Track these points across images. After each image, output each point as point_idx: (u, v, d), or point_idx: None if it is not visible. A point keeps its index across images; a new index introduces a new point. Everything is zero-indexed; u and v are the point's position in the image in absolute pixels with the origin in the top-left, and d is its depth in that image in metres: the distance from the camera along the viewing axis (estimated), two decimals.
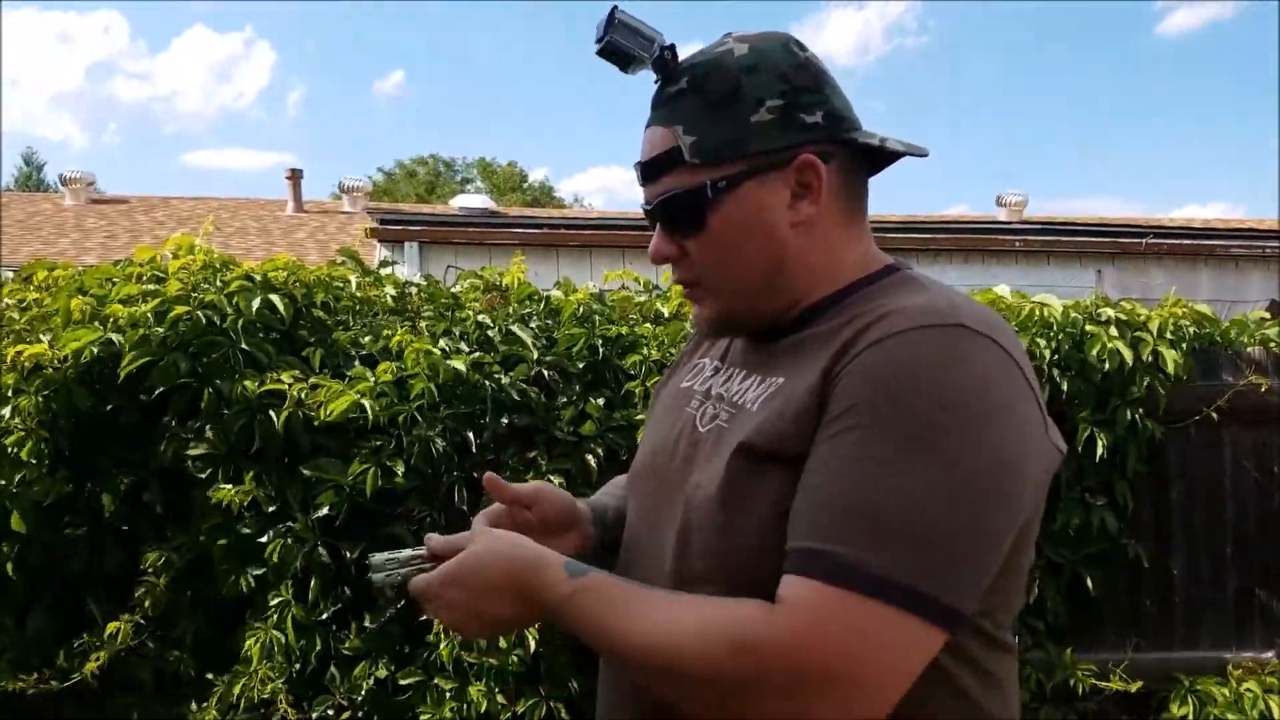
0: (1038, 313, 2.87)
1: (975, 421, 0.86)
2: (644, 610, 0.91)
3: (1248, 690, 2.89)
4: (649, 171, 1.04)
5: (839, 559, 0.84)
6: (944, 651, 0.89)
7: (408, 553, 1.07)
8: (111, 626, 2.41)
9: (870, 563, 0.83)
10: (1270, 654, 3.03)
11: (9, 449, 2.37)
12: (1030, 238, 8.65)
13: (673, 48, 1.03)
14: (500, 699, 2.41)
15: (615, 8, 1.01)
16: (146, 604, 2.42)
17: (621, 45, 1.01)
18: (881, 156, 1.08)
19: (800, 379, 0.95)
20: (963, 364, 0.88)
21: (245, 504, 2.41)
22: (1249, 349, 3.09)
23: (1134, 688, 2.84)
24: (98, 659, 2.39)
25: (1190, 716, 2.85)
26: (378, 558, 1.07)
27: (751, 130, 0.99)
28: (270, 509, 2.43)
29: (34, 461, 2.39)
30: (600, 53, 1.03)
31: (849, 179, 1.04)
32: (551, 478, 2.47)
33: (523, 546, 0.98)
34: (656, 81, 1.04)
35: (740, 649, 0.85)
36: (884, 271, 1.05)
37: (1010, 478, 0.88)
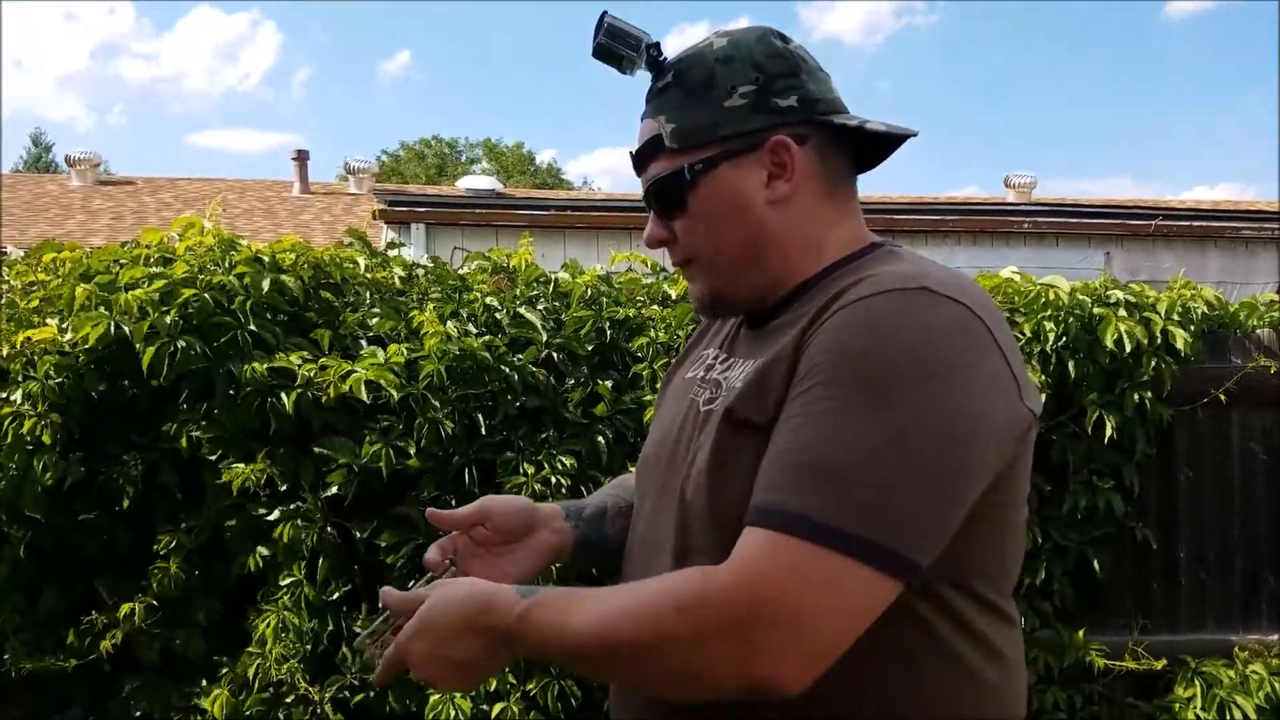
0: (1046, 295, 2.86)
1: (930, 376, 0.89)
2: (591, 605, 0.93)
3: (1254, 672, 2.90)
4: (638, 160, 1.12)
5: (785, 508, 0.87)
6: (935, 612, 0.93)
7: (378, 623, 1.08)
8: (125, 608, 2.43)
9: (815, 511, 0.86)
10: (1276, 636, 3.04)
11: (23, 434, 2.38)
12: (1039, 219, 8.61)
13: (658, 45, 1.10)
14: (510, 679, 2.42)
15: (605, 13, 1.09)
16: (158, 585, 2.44)
17: (612, 48, 1.10)
18: (871, 141, 1.11)
19: (777, 349, 1.00)
20: (920, 322, 0.91)
21: (258, 484, 2.42)
22: (1258, 331, 3.08)
23: (1158, 665, 2.85)
24: (113, 638, 2.41)
25: (1196, 698, 2.86)
26: (360, 639, 1.09)
27: (725, 115, 1.05)
28: (282, 488, 2.44)
29: (46, 444, 2.40)
30: (595, 55, 1.11)
31: (827, 160, 1.08)
32: (563, 459, 2.48)
33: (476, 585, 1.00)
34: (651, 79, 1.11)
35: (681, 608, 0.88)
36: (867, 249, 1.08)
37: (966, 431, 0.90)
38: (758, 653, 0.85)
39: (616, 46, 1.09)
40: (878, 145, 1.13)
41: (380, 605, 1.06)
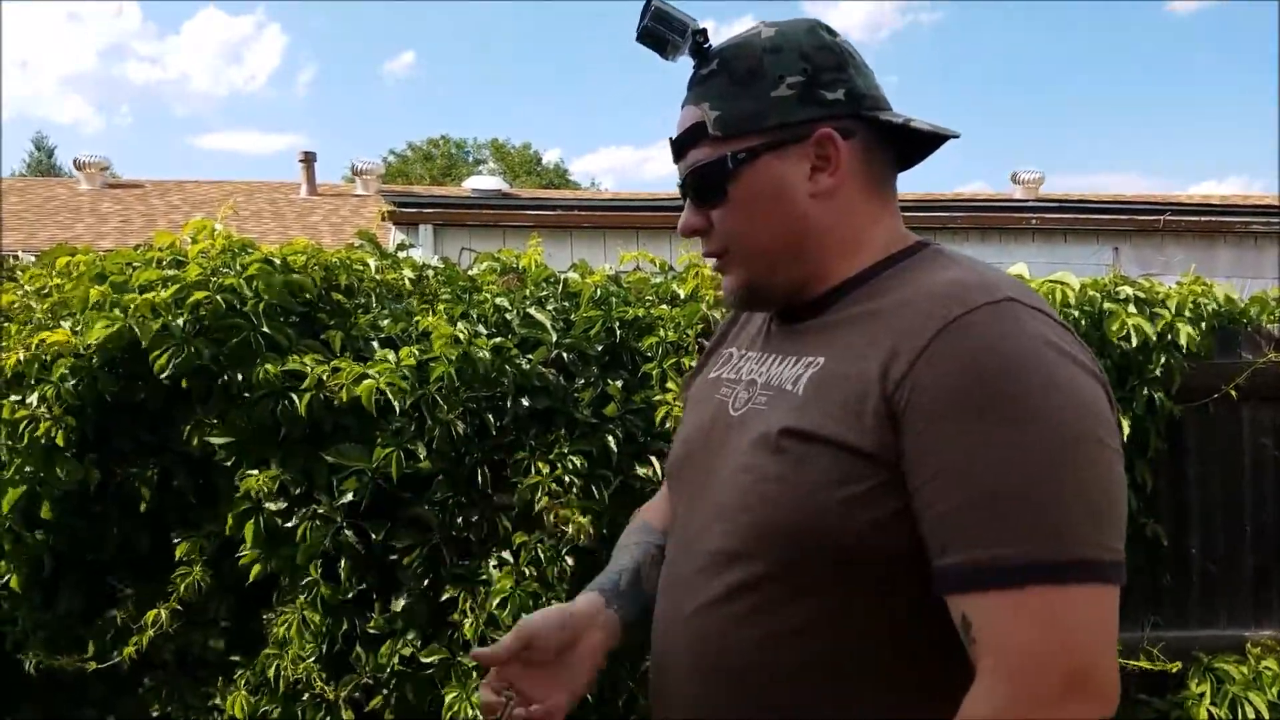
0: (1056, 293, 2.86)
1: (1051, 384, 0.89)
2: None
3: (1267, 668, 2.89)
4: (678, 147, 1.10)
5: (1006, 562, 0.85)
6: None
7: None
8: (150, 615, 2.45)
9: (1036, 552, 0.85)
10: None
11: (39, 437, 2.40)
12: (1046, 215, 8.60)
13: (704, 31, 1.07)
14: None
15: None
16: (182, 588, 2.45)
17: (658, 32, 1.07)
18: (915, 140, 1.10)
19: (849, 363, 0.97)
20: (1024, 334, 0.91)
21: (273, 489, 2.43)
22: (1268, 326, 3.07)
23: (1172, 668, 2.84)
24: (136, 644, 2.43)
25: (1208, 694, 2.86)
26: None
27: (772, 105, 1.04)
28: (297, 491, 2.45)
29: (60, 447, 2.41)
30: (639, 39, 1.08)
31: (871, 156, 1.07)
32: (573, 459, 2.49)
33: None
34: (694, 65, 1.09)
35: None
36: (914, 248, 1.07)
37: (1098, 424, 0.90)
38: (1075, 718, 0.85)
39: (663, 30, 1.07)
40: (918, 144, 1.12)
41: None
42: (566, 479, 2.47)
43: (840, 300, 1.04)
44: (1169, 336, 2.87)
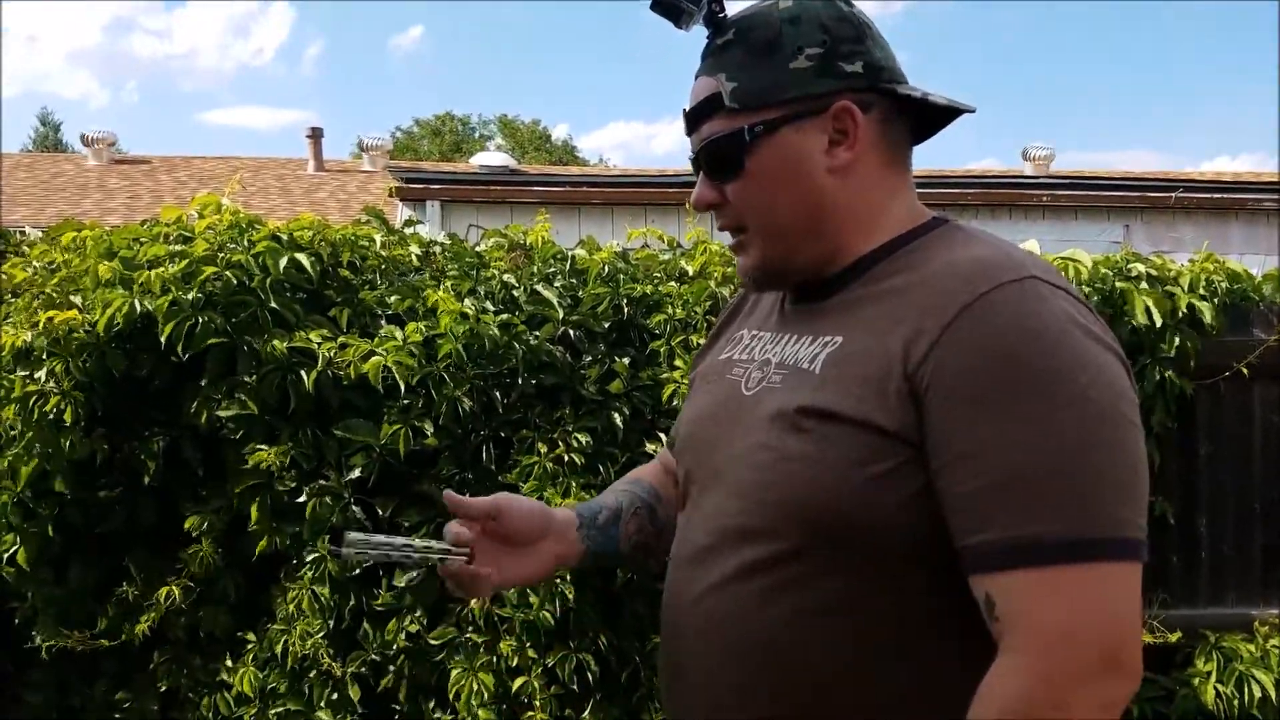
0: (1069, 270, 2.83)
1: (1076, 363, 0.89)
2: None
3: (1274, 647, 2.89)
4: (693, 118, 1.07)
5: (1038, 539, 0.85)
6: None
7: (380, 538, 1.11)
8: (162, 591, 2.46)
9: (1065, 530, 0.85)
10: None
11: (48, 413, 2.40)
12: (1057, 192, 8.54)
13: (720, 1, 1.05)
14: (531, 653, 2.44)
15: None
16: (193, 566, 2.46)
17: (672, 0, 1.05)
18: (929, 114, 1.09)
19: (869, 341, 0.96)
20: (1048, 312, 0.91)
21: (285, 464, 2.43)
22: None
23: (1173, 638, 2.83)
24: (148, 620, 2.44)
25: (1215, 673, 2.86)
26: (353, 536, 1.10)
27: (790, 77, 1.02)
28: (305, 467, 2.46)
29: (70, 424, 2.42)
30: (653, 7, 1.05)
31: (889, 130, 1.05)
32: (579, 436, 2.49)
33: None
34: (708, 35, 1.07)
35: (1044, 703, 0.85)
36: (931, 224, 1.06)
37: (1123, 401, 0.91)
38: (1109, 694, 0.87)
39: (678, 0, 1.05)
40: (932, 118, 1.10)
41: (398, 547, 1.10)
42: (569, 457, 2.47)
43: (859, 278, 1.03)
44: (1182, 314, 2.85)
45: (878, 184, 1.05)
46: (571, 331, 2.64)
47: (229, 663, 2.54)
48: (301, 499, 2.44)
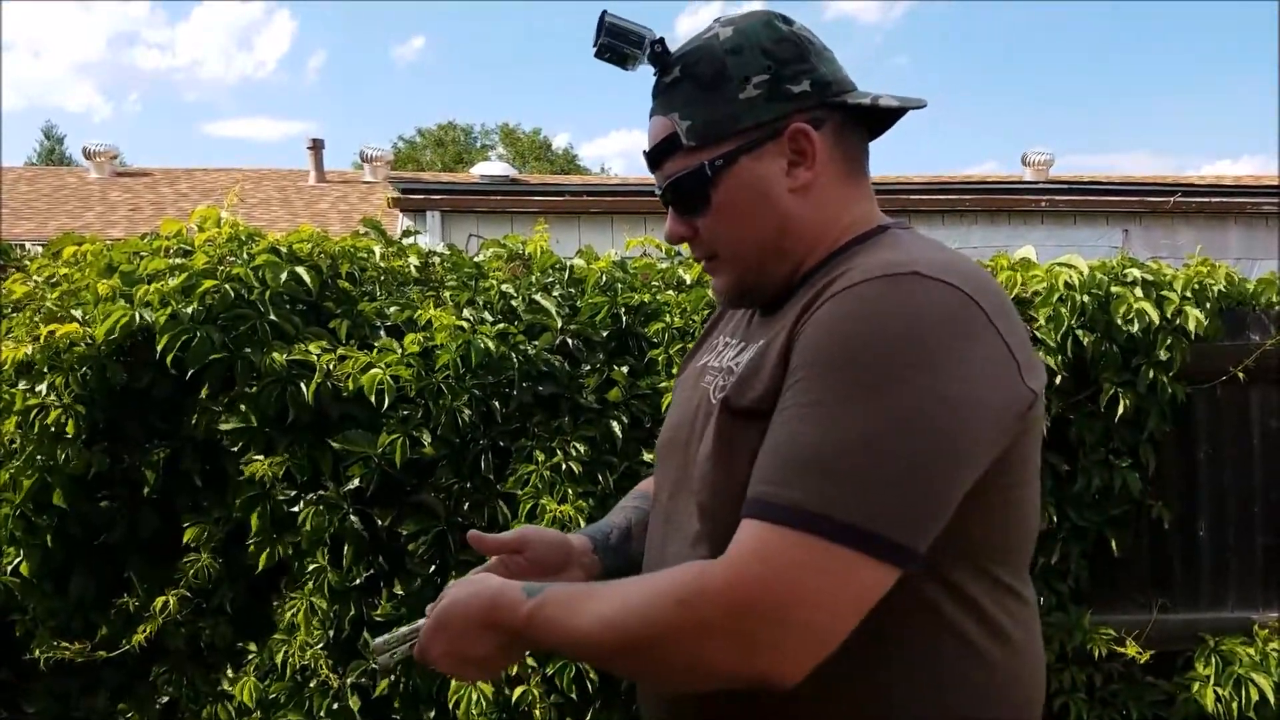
0: (1058, 281, 2.83)
1: (918, 364, 0.89)
2: (594, 604, 0.96)
3: (1273, 650, 2.89)
4: (653, 159, 1.11)
5: (777, 500, 0.88)
6: (943, 593, 0.94)
7: (403, 630, 1.15)
8: (159, 601, 2.47)
9: (806, 501, 0.87)
10: None
11: (48, 425, 2.42)
12: (1056, 197, 8.55)
13: (662, 41, 1.09)
14: (531, 662, 2.45)
15: (605, 12, 1.08)
16: (190, 575, 2.47)
17: (616, 47, 1.08)
18: (880, 115, 1.11)
19: (775, 338, 1.00)
20: (909, 309, 0.91)
21: (279, 475, 2.44)
22: (1277, 307, 3.06)
23: (1143, 658, 2.82)
24: (145, 630, 2.45)
25: (1214, 676, 2.86)
26: (378, 641, 1.15)
27: (741, 107, 1.04)
28: (303, 478, 2.47)
29: (71, 436, 2.43)
30: (598, 56, 1.10)
31: (843, 141, 1.08)
32: (577, 445, 2.50)
33: (485, 583, 1.04)
34: (654, 74, 1.10)
35: (681, 602, 0.89)
36: (874, 231, 1.08)
37: (956, 416, 0.89)
38: (755, 645, 0.87)
39: (620, 45, 1.08)
40: (885, 116, 1.12)
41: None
42: (566, 465, 2.48)
43: (801, 287, 1.05)
44: (1175, 320, 2.86)
45: (835, 197, 1.07)
46: (570, 340, 2.65)
47: (229, 673, 2.55)
48: (299, 509, 2.45)
